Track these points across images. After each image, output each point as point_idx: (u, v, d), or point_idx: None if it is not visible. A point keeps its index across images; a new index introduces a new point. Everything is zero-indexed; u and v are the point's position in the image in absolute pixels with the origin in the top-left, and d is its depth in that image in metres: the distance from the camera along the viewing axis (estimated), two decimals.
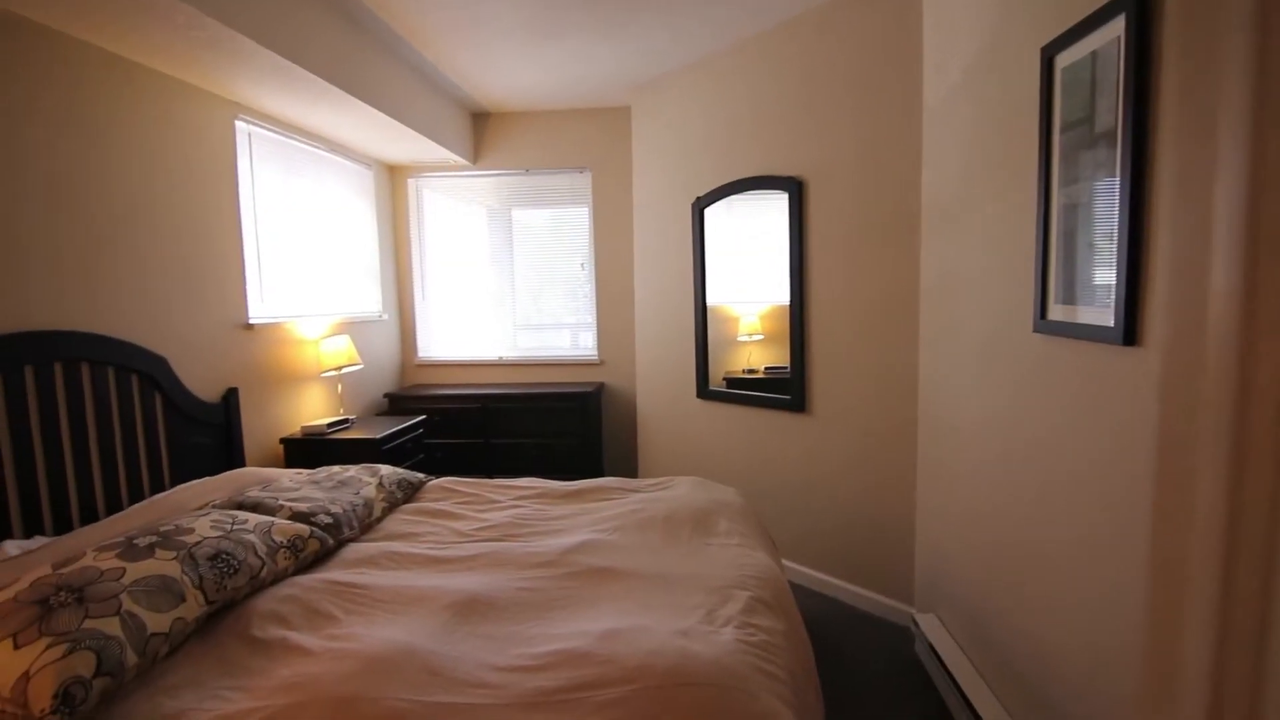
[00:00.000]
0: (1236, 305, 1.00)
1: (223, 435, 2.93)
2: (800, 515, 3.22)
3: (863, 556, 2.96)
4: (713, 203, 3.55)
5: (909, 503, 2.74)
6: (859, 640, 2.70)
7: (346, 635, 1.55)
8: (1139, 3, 1.29)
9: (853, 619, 2.88)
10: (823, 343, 3.06)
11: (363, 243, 4.26)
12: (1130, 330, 1.33)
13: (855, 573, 3.00)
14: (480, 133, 4.62)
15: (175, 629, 1.49)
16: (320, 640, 1.54)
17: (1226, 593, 1.01)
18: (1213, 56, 1.09)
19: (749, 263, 3.59)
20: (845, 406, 2.98)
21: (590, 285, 4.67)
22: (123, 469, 2.41)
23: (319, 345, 3.60)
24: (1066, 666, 1.61)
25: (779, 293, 3.24)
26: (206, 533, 1.76)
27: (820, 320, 3.06)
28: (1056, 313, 1.64)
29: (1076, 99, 1.56)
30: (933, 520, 2.55)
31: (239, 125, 3.09)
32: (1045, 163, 1.69)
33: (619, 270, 4.56)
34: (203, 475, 2.67)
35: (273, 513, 2.07)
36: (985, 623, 2.08)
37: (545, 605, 1.70)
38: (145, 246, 2.57)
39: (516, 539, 2.18)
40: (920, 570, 2.68)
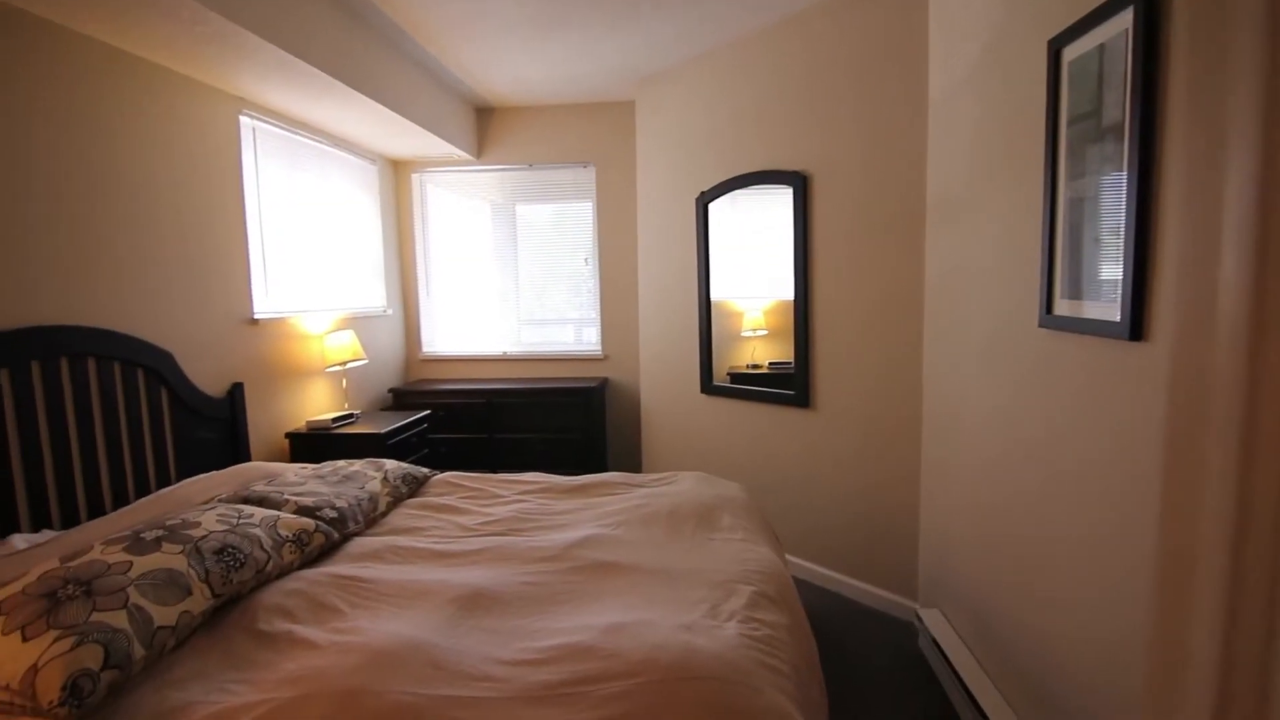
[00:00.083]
0: (1247, 299, 0.99)
1: (228, 430, 2.94)
2: (804, 510, 3.22)
3: (866, 552, 2.96)
4: (717, 197, 3.54)
5: (913, 498, 2.74)
6: (862, 635, 2.70)
7: (352, 629, 1.55)
8: None
9: (856, 614, 2.88)
10: (827, 338, 3.05)
11: (367, 238, 4.26)
12: (1136, 325, 1.33)
13: (859, 568, 3.00)
14: (484, 127, 4.61)
15: (182, 622, 1.50)
16: (325, 634, 1.54)
17: (1235, 586, 1.01)
18: (1222, 49, 1.08)
19: (753, 258, 3.58)
20: (849, 402, 2.98)
21: (594, 280, 4.67)
22: (129, 463, 2.42)
23: (324, 340, 3.61)
24: (1071, 661, 1.61)
25: (783, 288, 3.23)
26: (212, 527, 1.77)
27: (824, 315, 3.06)
28: (1062, 308, 1.64)
29: (1083, 92, 1.55)
30: (937, 515, 2.55)
31: (243, 120, 3.09)
32: (1052, 157, 1.67)
33: (623, 265, 4.56)
34: (208, 470, 2.68)
35: (278, 507, 2.08)
36: (989, 618, 2.08)
37: (549, 599, 1.71)
38: (150, 242, 2.58)
39: (521, 533, 2.18)
40: (924, 565, 2.68)
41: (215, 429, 2.86)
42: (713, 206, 3.59)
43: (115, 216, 2.43)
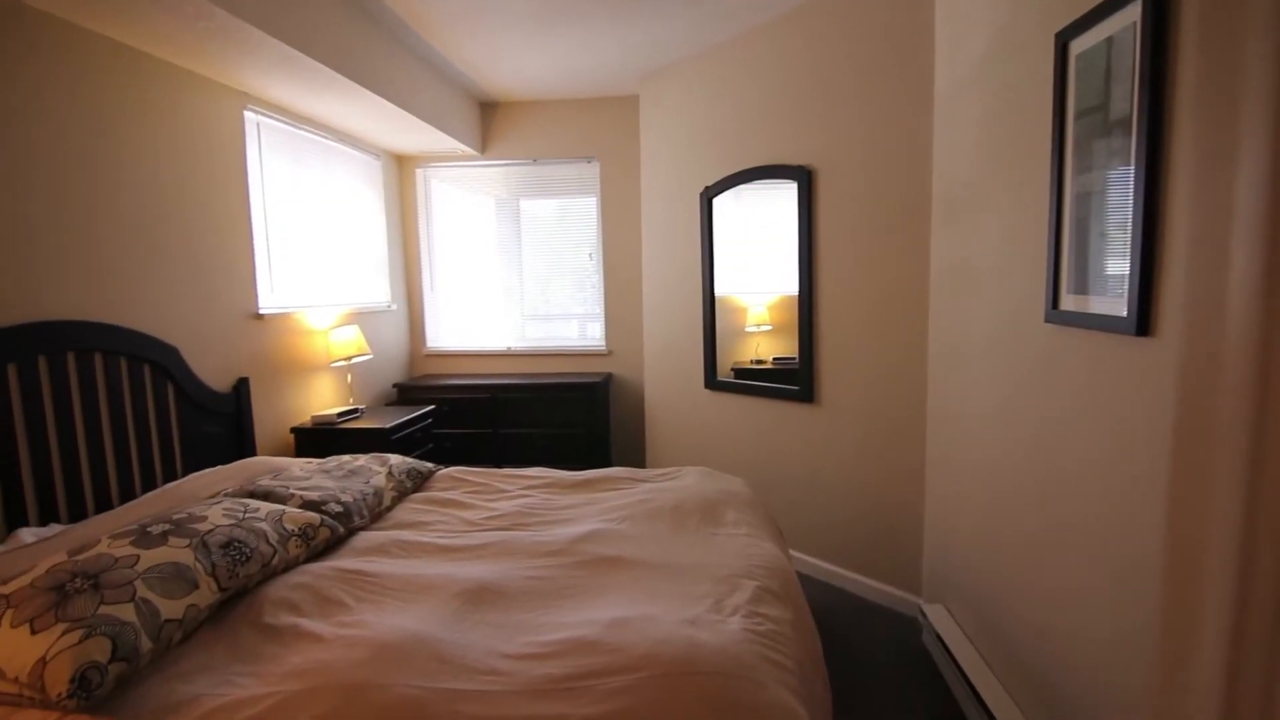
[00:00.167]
0: (1257, 295, 0.98)
1: (234, 424, 2.95)
2: (808, 506, 3.22)
3: (870, 547, 2.96)
4: (721, 192, 3.53)
5: (917, 493, 2.74)
6: (866, 631, 2.71)
7: (357, 623, 1.56)
8: None
9: (860, 609, 2.88)
10: (831, 333, 3.05)
11: (371, 233, 4.26)
12: (1144, 320, 1.32)
13: (863, 563, 3.00)
14: (488, 122, 4.60)
15: (189, 615, 1.51)
16: (331, 627, 1.55)
17: (1243, 582, 1.00)
18: (1234, 41, 1.07)
19: (757, 253, 3.57)
20: (854, 397, 2.97)
21: (598, 276, 4.66)
22: (136, 457, 2.43)
23: (328, 335, 3.62)
24: (1075, 656, 1.61)
25: (787, 283, 3.22)
26: (219, 521, 1.78)
27: (829, 310, 3.05)
28: (1068, 303, 1.63)
29: (1091, 86, 1.54)
30: (941, 511, 2.54)
31: (247, 115, 3.10)
32: (1058, 151, 1.66)
33: (627, 260, 4.55)
34: (214, 464, 2.70)
35: (284, 501, 2.09)
36: (993, 613, 2.08)
37: (554, 594, 1.71)
38: (156, 236, 2.58)
39: (525, 528, 2.19)
40: (928, 561, 2.68)
41: (221, 424, 2.87)
42: (717, 201, 3.58)
43: (121, 212, 2.43)
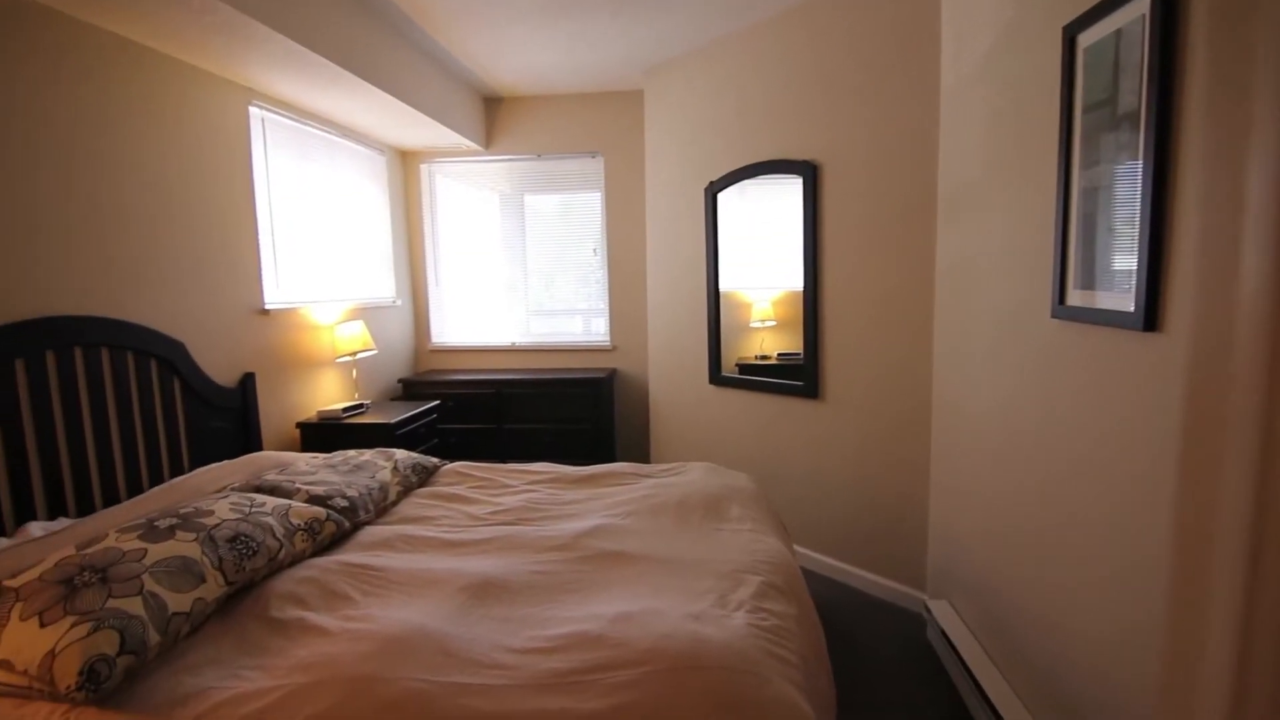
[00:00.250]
0: (1268, 290, 0.97)
1: (240, 419, 2.96)
2: (812, 501, 3.22)
3: (875, 542, 2.96)
4: (726, 187, 3.52)
5: (922, 489, 2.73)
6: (871, 626, 2.71)
7: (363, 616, 1.57)
8: None
9: (865, 605, 2.88)
10: (836, 328, 3.04)
11: (376, 228, 4.27)
12: (1151, 316, 1.31)
13: (867, 559, 3.00)
14: (492, 117, 4.60)
15: (196, 609, 1.51)
16: (337, 621, 1.56)
17: (1252, 578, 1.00)
18: (1245, 33, 1.05)
19: (762, 248, 3.56)
20: (858, 392, 2.97)
21: (603, 271, 4.66)
22: (143, 452, 2.45)
23: (334, 331, 3.63)
24: (1080, 652, 1.61)
25: (792, 278, 3.21)
26: (225, 515, 1.79)
27: (834, 306, 3.04)
28: (1075, 298, 1.62)
29: (1099, 80, 1.52)
30: (946, 506, 2.54)
31: (252, 111, 3.10)
32: (1066, 145, 1.65)
33: (631, 256, 4.55)
34: (221, 459, 2.71)
35: (290, 496, 2.10)
36: (998, 609, 2.08)
37: (558, 588, 1.72)
38: (161, 232, 2.59)
39: (530, 523, 2.20)
40: (933, 556, 2.68)
41: (227, 418, 2.88)
42: (721, 196, 3.57)
43: (126, 208, 2.44)
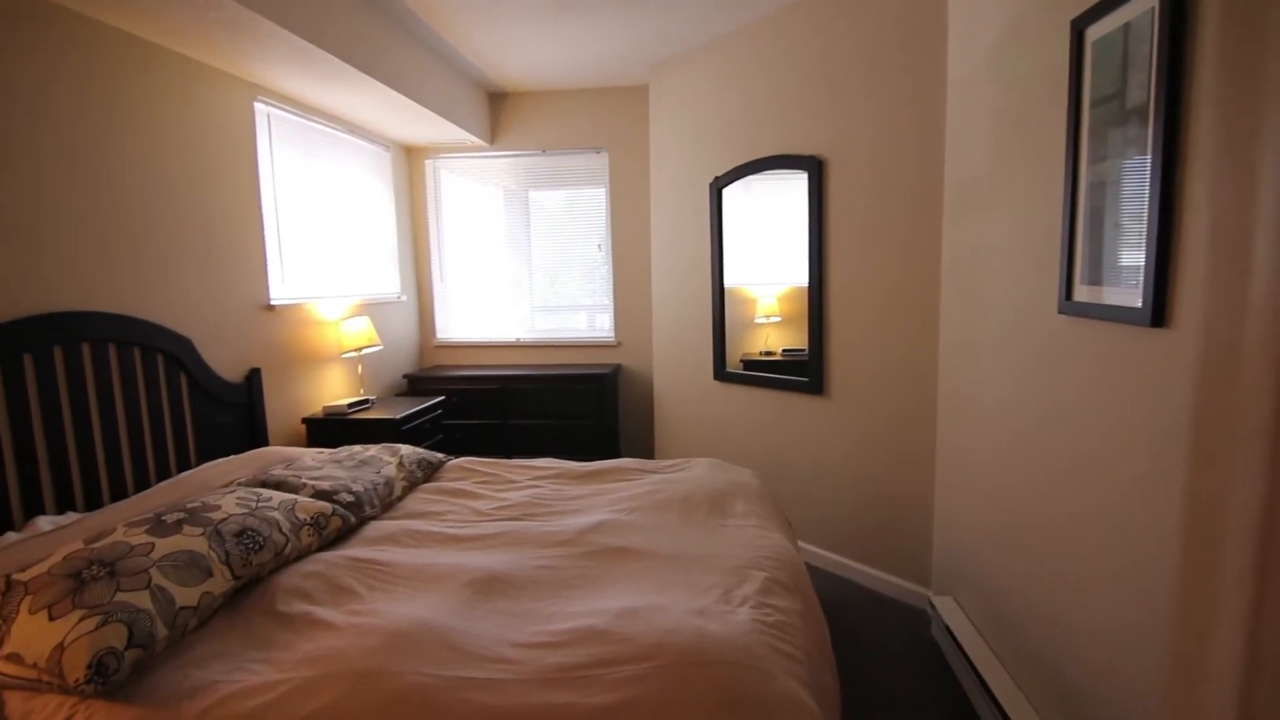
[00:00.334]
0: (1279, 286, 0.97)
1: (246, 415, 2.97)
2: (817, 497, 3.22)
3: (880, 539, 2.95)
4: (731, 183, 3.51)
5: (927, 486, 2.73)
6: (875, 623, 2.71)
7: (369, 611, 1.57)
8: None
9: (869, 602, 2.88)
10: (841, 324, 3.03)
11: (381, 224, 4.27)
12: (1159, 312, 1.30)
13: (872, 555, 3.00)
14: (497, 113, 4.60)
15: (203, 603, 1.52)
16: (343, 615, 1.57)
17: (1262, 575, 0.99)
18: (1256, 24, 1.05)
19: (767, 244, 3.56)
20: (863, 389, 2.96)
21: (607, 267, 4.66)
22: (150, 447, 2.46)
23: (339, 326, 3.64)
24: (1086, 648, 1.60)
25: (797, 274, 3.21)
26: (232, 510, 1.80)
27: (839, 301, 3.03)
28: (1082, 294, 1.61)
29: (1107, 74, 1.51)
30: (951, 503, 2.53)
31: (258, 107, 3.10)
32: (1073, 140, 1.64)
33: (636, 252, 4.54)
34: (227, 454, 2.72)
35: (296, 491, 2.11)
36: (1003, 605, 2.07)
37: (563, 584, 1.72)
38: (167, 228, 2.60)
39: (535, 518, 2.20)
40: (938, 553, 2.67)
41: (233, 414, 2.90)
42: (726, 192, 3.56)
43: (132, 204, 2.45)
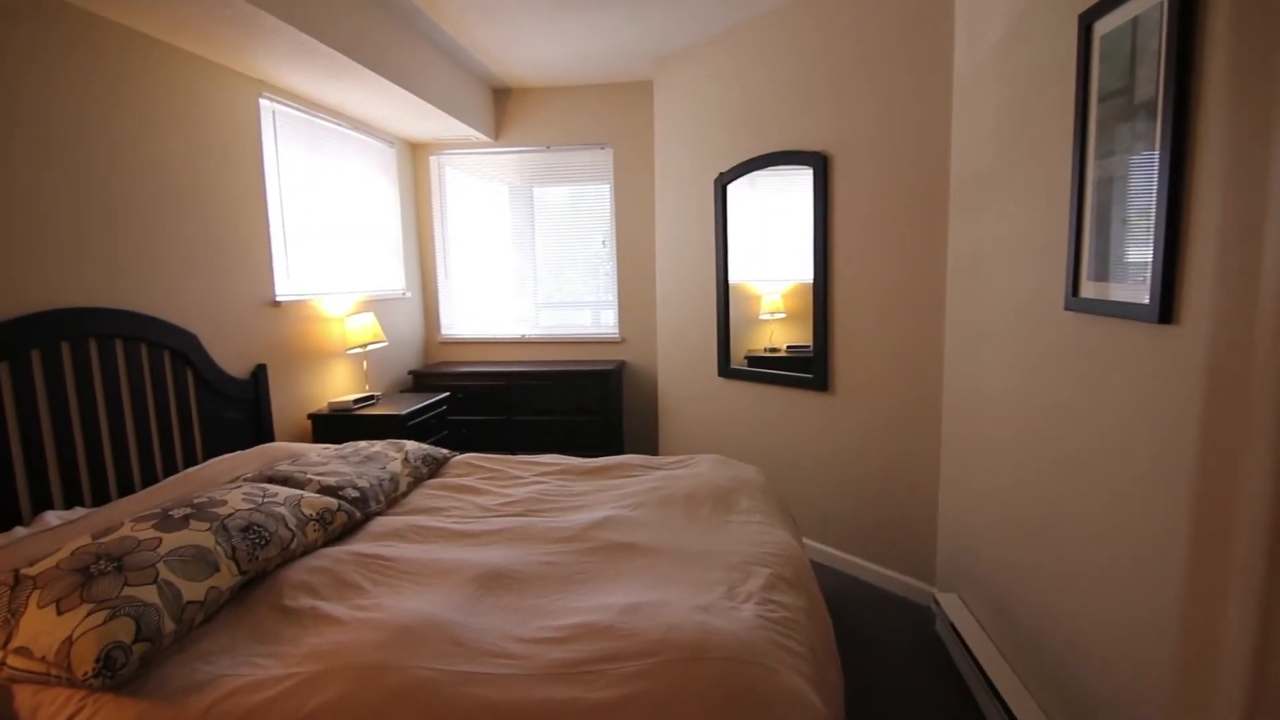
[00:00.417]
0: None
1: (252, 410, 2.99)
2: (821, 494, 3.21)
3: (884, 535, 2.95)
4: (735, 178, 3.51)
5: (932, 482, 2.72)
6: (880, 619, 2.71)
7: (374, 606, 1.58)
8: None
9: (874, 598, 2.88)
10: (846, 321, 3.03)
11: (386, 220, 4.28)
12: (1166, 308, 1.30)
13: (877, 552, 3.00)
14: (501, 109, 4.59)
15: (210, 598, 1.53)
16: (349, 610, 1.57)
17: (1272, 570, 0.98)
18: (1268, 17, 1.04)
19: (772, 240, 3.55)
20: (868, 385, 2.96)
21: (611, 263, 4.65)
22: (157, 442, 2.47)
23: (344, 322, 3.65)
24: (1091, 644, 1.60)
25: (802, 270, 3.20)
26: (238, 505, 1.81)
27: (844, 298, 3.02)
28: (1089, 290, 1.60)
29: (1115, 68, 1.50)
30: (956, 500, 2.53)
31: (263, 103, 3.11)
32: (1080, 135, 1.63)
33: (640, 248, 4.54)
34: (234, 449, 2.74)
35: (302, 486, 2.12)
36: (1007, 602, 2.07)
37: (567, 579, 1.72)
38: (173, 225, 2.61)
39: (539, 514, 2.20)
40: (942, 550, 2.67)
41: (240, 409, 2.91)
42: (731, 188, 3.55)
43: (138, 200, 2.45)
